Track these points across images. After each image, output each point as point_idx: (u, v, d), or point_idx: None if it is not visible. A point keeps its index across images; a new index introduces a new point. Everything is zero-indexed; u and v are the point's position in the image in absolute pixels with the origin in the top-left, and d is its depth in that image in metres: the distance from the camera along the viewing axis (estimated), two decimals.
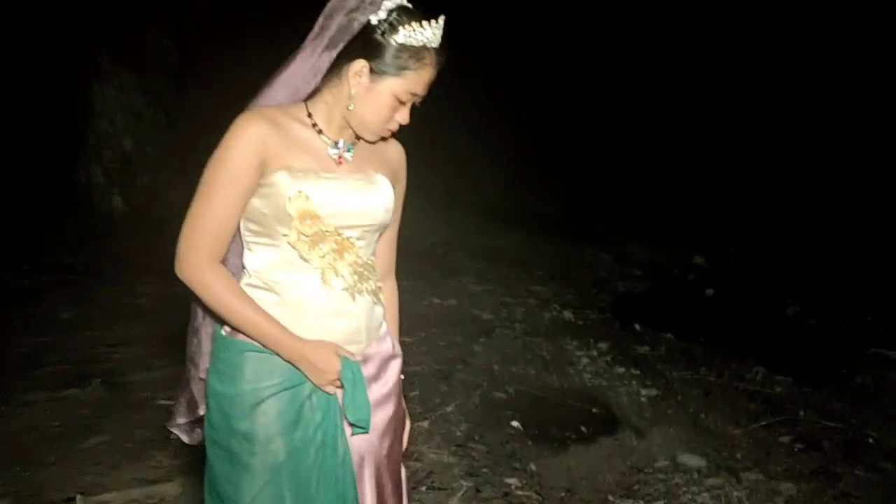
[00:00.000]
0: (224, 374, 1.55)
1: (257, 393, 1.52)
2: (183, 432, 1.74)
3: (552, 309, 6.22)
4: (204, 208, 1.47)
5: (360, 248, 1.57)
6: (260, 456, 1.52)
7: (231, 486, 1.53)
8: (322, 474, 1.55)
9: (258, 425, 1.52)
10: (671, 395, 4.40)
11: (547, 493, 3.20)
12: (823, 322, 5.85)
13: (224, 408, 1.54)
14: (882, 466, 3.50)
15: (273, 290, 1.53)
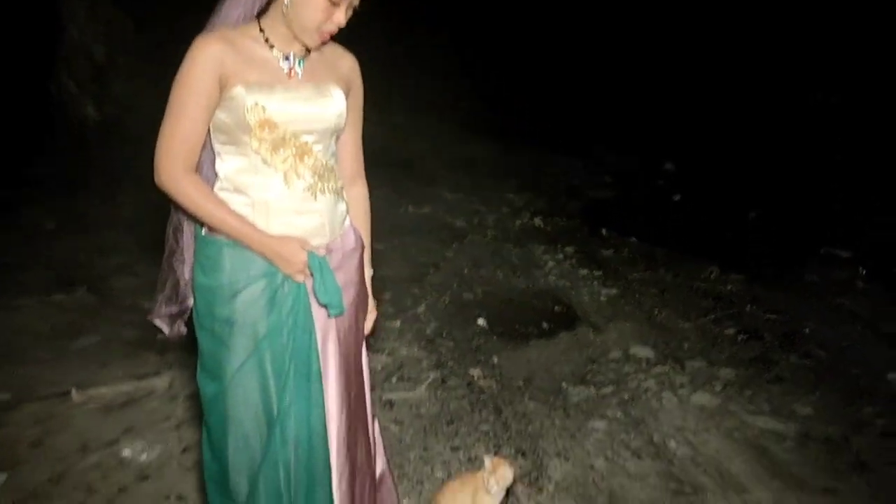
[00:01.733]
0: (206, 268, 1.75)
1: (235, 284, 1.72)
2: (164, 324, 1.92)
3: (523, 216, 6.43)
4: (174, 124, 1.64)
5: (318, 152, 1.75)
6: (239, 337, 1.74)
7: (216, 364, 1.76)
8: (294, 353, 1.78)
9: (237, 312, 1.73)
10: (629, 294, 4.67)
11: (507, 383, 3.48)
12: (780, 225, 6.10)
13: (207, 297, 1.74)
14: (816, 354, 3.80)
15: (242, 193, 1.71)
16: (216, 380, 1.78)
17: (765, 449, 2.94)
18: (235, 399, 1.77)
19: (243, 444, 1.80)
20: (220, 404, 1.78)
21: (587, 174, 8.18)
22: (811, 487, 2.69)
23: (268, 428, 1.79)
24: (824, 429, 3.10)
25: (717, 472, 2.78)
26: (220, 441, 1.82)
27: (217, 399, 1.78)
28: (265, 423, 1.79)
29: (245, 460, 1.81)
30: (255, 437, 1.79)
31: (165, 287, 1.88)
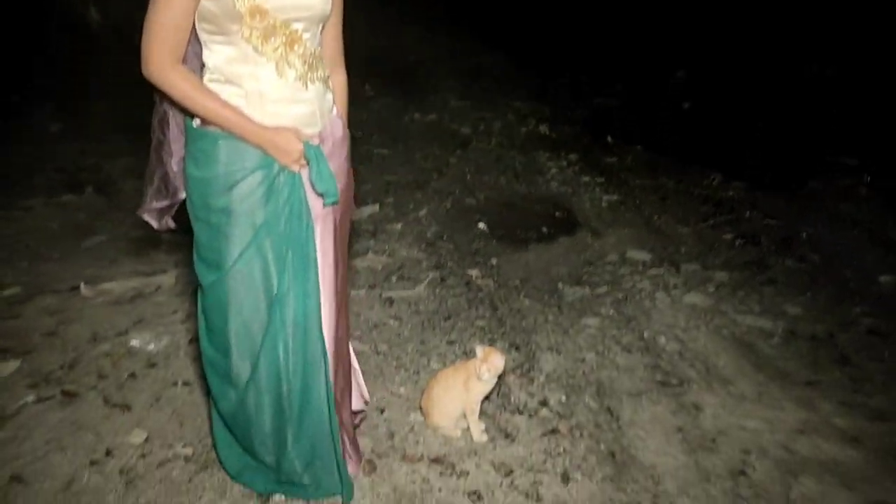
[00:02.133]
0: (199, 161, 1.79)
1: (231, 175, 1.77)
2: (153, 219, 1.97)
3: (529, 123, 6.39)
4: (160, 13, 1.64)
5: (307, 40, 1.76)
6: (237, 227, 1.80)
7: (215, 253, 1.83)
8: (291, 241, 1.85)
9: (234, 202, 1.78)
10: (630, 200, 4.69)
11: (504, 282, 3.56)
12: (788, 134, 6.04)
13: (201, 189, 1.79)
14: (810, 257, 3.84)
15: (234, 83, 1.73)
16: (215, 269, 1.85)
17: (751, 345, 3.03)
18: (236, 286, 1.85)
19: (244, 328, 1.89)
20: (219, 292, 1.86)
21: (596, 82, 8.05)
22: (794, 380, 2.79)
23: (268, 312, 1.87)
24: (811, 327, 3.17)
25: (703, 367, 2.87)
26: (220, 328, 1.91)
27: (216, 287, 1.86)
28: (265, 307, 1.87)
29: (246, 344, 1.90)
30: (256, 321, 1.88)
31: (154, 180, 1.92)
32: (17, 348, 2.84)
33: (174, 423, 2.45)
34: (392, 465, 2.27)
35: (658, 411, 2.59)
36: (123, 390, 2.61)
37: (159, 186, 1.91)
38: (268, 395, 1.94)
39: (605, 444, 2.41)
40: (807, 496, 2.19)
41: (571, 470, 2.28)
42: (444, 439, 2.40)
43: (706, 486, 2.22)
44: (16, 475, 2.18)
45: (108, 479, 2.18)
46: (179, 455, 2.29)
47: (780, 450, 2.39)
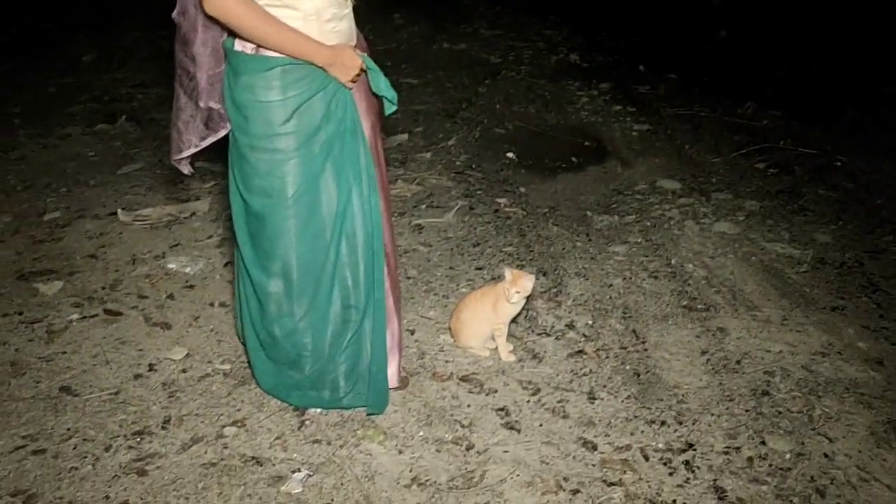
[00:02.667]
0: (258, 87, 1.79)
1: (291, 101, 1.80)
2: (183, 165, 2.04)
3: (560, 52, 6.28)
4: None
5: None
6: (304, 148, 1.85)
7: (276, 180, 1.86)
8: (349, 160, 1.91)
9: (298, 125, 1.82)
10: (662, 129, 4.64)
11: (532, 210, 3.58)
12: (828, 62, 5.87)
13: (263, 116, 1.81)
14: (844, 186, 3.80)
15: (290, 6, 1.75)
16: (276, 197, 1.88)
17: (779, 272, 3.04)
18: (300, 211, 1.90)
19: (309, 252, 1.94)
20: (280, 219, 1.89)
21: (630, 9, 7.85)
22: (819, 305, 2.80)
23: (332, 232, 1.93)
24: (840, 255, 3.16)
25: (730, 293, 2.89)
26: (280, 255, 1.94)
27: (276, 215, 1.89)
28: (329, 227, 1.93)
29: (310, 267, 1.95)
30: (321, 243, 1.94)
31: (183, 125, 1.94)
32: (61, 269, 2.95)
33: (212, 341, 2.55)
34: (423, 383, 2.35)
35: (683, 335, 2.63)
36: (163, 310, 2.71)
37: (187, 134, 1.94)
38: (330, 311, 2.00)
39: (631, 365, 2.46)
40: (828, 415, 2.23)
41: (597, 389, 2.34)
42: (472, 360, 2.47)
43: (729, 405, 2.27)
44: (65, 386, 2.30)
45: (152, 391, 2.29)
46: (218, 371, 2.39)
47: (802, 371, 2.43)
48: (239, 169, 1.92)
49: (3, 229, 3.27)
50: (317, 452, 2.06)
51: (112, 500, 1.88)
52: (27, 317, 2.65)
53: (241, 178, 1.93)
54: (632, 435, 2.15)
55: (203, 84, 1.87)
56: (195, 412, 2.20)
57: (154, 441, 2.08)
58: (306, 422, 2.17)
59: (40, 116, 4.44)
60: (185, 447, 2.06)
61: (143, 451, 2.05)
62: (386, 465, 2.01)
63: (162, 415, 2.19)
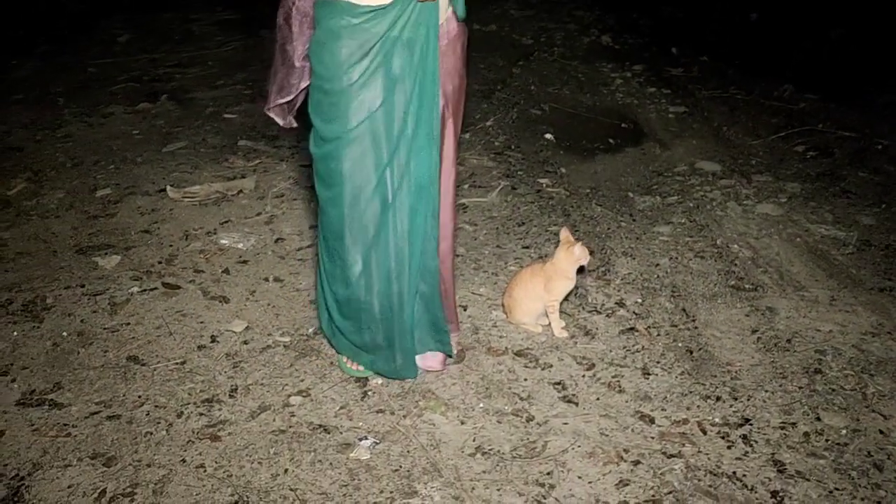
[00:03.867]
0: (333, 28, 1.81)
1: (361, 38, 1.81)
2: (278, 116, 2.07)
3: (591, 34, 6.27)
4: None
5: None
6: (372, 86, 1.85)
7: (345, 111, 1.86)
8: (421, 104, 1.91)
9: (370, 64, 1.83)
10: (698, 111, 4.64)
11: (574, 191, 3.61)
12: (863, 45, 5.83)
13: (335, 51, 1.82)
14: (885, 169, 3.80)
15: None
16: (338, 134, 1.90)
17: (825, 253, 3.06)
18: (361, 143, 1.90)
19: (367, 182, 1.94)
20: (341, 152, 1.91)
21: None
22: (867, 286, 2.82)
23: (389, 169, 1.94)
24: (885, 237, 3.18)
25: (776, 273, 2.92)
26: (339, 193, 1.96)
27: (338, 149, 1.91)
28: (388, 165, 1.94)
29: (370, 206, 1.97)
30: (377, 179, 1.94)
31: (277, 78, 2.00)
32: (117, 244, 3.01)
33: (270, 314, 2.60)
34: (479, 358, 2.39)
35: (733, 314, 2.66)
36: (220, 283, 2.77)
37: (282, 83, 1.99)
38: (385, 267, 2.04)
39: (683, 343, 2.50)
40: (881, 392, 2.26)
41: (651, 365, 2.38)
42: (526, 336, 2.51)
43: (783, 382, 2.31)
44: (132, 356, 2.36)
45: (217, 361, 2.35)
46: (279, 343, 2.45)
47: (853, 350, 2.45)
48: (314, 111, 1.94)
49: (58, 205, 3.34)
50: (381, 422, 2.11)
51: (188, 463, 1.95)
52: (89, 289, 2.71)
53: (316, 122, 1.95)
54: (688, 409, 2.19)
55: (298, 50, 1.95)
56: (260, 382, 2.26)
57: (223, 409, 2.15)
58: (369, 392, 2.22)
59: (83, 96, 4.51)
60: (254, 415, 2.12)
61: (214, 417, 2.11)
62: (449, 435, 2.07)
63: (228, 384, 2.25)
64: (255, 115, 4.28)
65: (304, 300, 2.69)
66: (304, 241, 3.08)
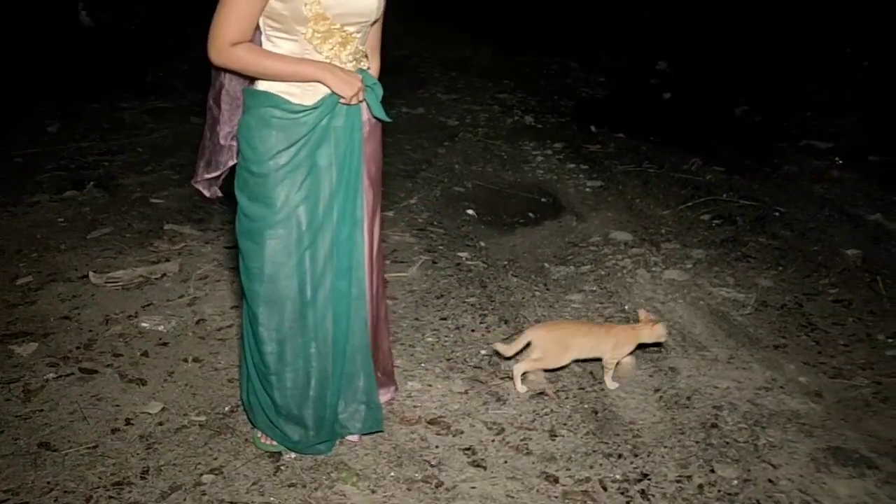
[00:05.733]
0: (262, 117, 1.95)
1: (290, 129, 1.95)
2: (204, 188, 2.19)
3: (514, 114, 6.59)
4: (230, 6, 1.84)
5: (357, 40, 2.00)
6: (297, 173, 1.98)
7: (269, 200, 1.98)
8: (342, 189, 2.05)
9: (296, 152, 1.97)
10: (613, 185, 4.89)
11: (492, 263, 3.75)
12: (765, 120, 6.26)
13: (265, 140, 1.96)
14: (782, 234, 4.05)
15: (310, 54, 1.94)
16: (263, 217, 2.01)
17: (725, 314, 3.24)
18: (286, 230, 2.01)
19: (293, 270, 2.04)
20: (265, 237, 2.01)
21: (581, 74, 8.26)
22: (763, 344, 2.99)
23: (314, 255, 2.05)
24: (781, 297, 3.38)
25: (679, 334, 3.07)
26: (264, 272, 2.04)
27: (262, 234, 2.01)
28: (313, 250, 2.05)
29: (296, 288, 2.06)
30: (302, 263, 2.05)
31: (205, 154, 2.13)
32: (35, 331, 3.01)
33: (187, 394, 2.63)
34: (392, 428, 2.45)
35: (637, 374, 2.79)
36: (138, 367, 2.79)
37: (210, 159, 2.12)
38: (314, 339, 2.12)
39: (589, 404, 2.61)
40: (772, 444, 2.39)
41: (558, 427, 2.48)
42: (439, 404, 2.59)
43: (681, 438, 2.42)
44: (44, 442, 2.35)
45: (130, 443, 2.36)
46: (194, 422, 2.47)
47: (748, 405, 2.60)
48: (240, 190, 2.04)
49: None
50: (293, 496, 2.14)
51: None
52: (3, 377, 2.70)
53: (241, 200, 2.04)
54: (591, 468, 2.28)
55: (225, 128, 2.09)
56: (173, 462, 2.27)
57: (134, 491, 2.15)
58: (281, 467, 2.26)
59: (8, 185, 4.52)
60: (165, 496, 2.13)
61: (124, 500, 2.11)
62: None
63: (140, 466, 2.25)
64: (182, 199, 4.35)
65: (222, 379, 2.72)
66: (226, 321, 3.13)
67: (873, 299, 3.33)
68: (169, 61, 7.48)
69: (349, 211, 2.07)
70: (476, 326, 3.13)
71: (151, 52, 7.67)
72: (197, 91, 6.33)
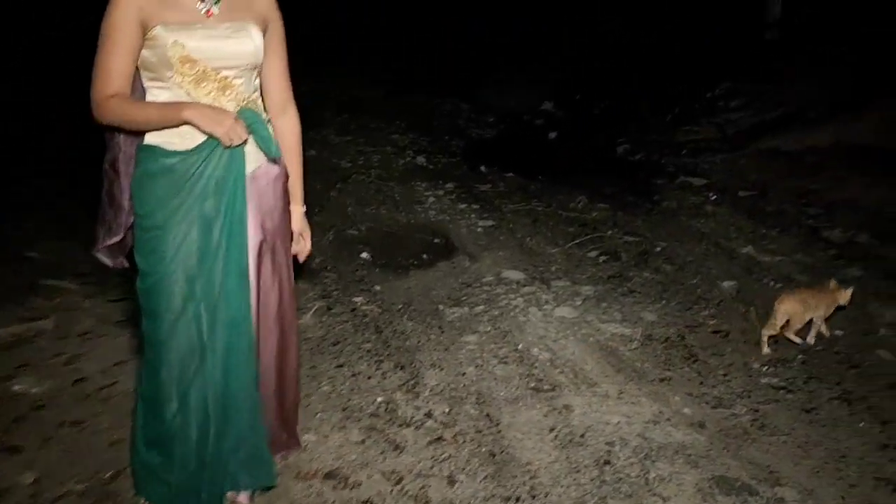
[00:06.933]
0: (148, 171, 1.92)
1: (172, 180, 1.91)
2: (107, 257, 2.08)
3: (407, 155, 6.66)
4: (104, 62, 1.82)
5: (238, 86, 1.95)
6: (180, 227, 1.93)
7: (156, 255, 1.94)
8: (229, 244, 1.98)
9: (178, 204, 1.92)
10: (504, 224, 5.01)
11: (387, 307, 3.75)
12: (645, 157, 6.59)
13: (151, 193, 1.91)
14: (664, 269, 4.25)
15: None
16: (152, 273, 1.96)
17: (614, 350, 3.35)
18: (173, 285, 1.95)
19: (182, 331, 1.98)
20: (156, 292, 1.97)
21: (471, 115, 8.46)
22: (650, 377, 3.11)
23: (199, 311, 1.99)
24: (665, 331, 3.53)
25: (572, 372, 3.15)
26: (158, 325, 1.98)
27: (153, 288, 1.97)
28: (198, 307, 1.98)
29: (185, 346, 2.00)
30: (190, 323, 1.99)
31: (105, 221, 2.04)
32: None
33: (66, 461, 2.47)
34: (288, 483, 2.39)
35: (533, 414, 2.84)
36: (10, 433, 2.60)
37: (110, 224, 2.03)
38: (207, 397, 2.04)
39: (486, 447, 2.62)
40: (661, 477, 2.48)
41: (456, 473, 2.48)
42: (336, 455, 2.54)
43: (576, 476, 2.47)
44: None
45: None
46: (73, 491, 2.32)
47: (638, 439, 2.68)
48: (137, 250, 1.99)
49: None
50: None
51: None
52: None
53: (138, 259, 1.99)
54: None
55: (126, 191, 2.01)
56: None
57: None
58: None
59: None
60: None
61: None
62: None
63: None
64: (60, 252, 4.13)
65: (104, 442, 2.58)
66: (108, 379, 2.97)
67: (748, 329, 3.52)
68: None
69: (235, 266, 2.02)
70: (372, 373, 3.11)
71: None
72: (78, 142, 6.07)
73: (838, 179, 5.54)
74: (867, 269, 4.16)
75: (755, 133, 6.67)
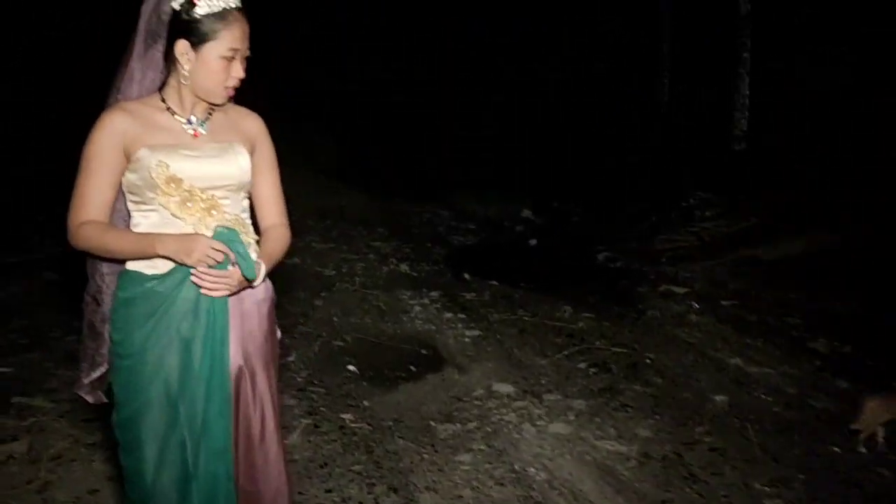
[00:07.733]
0: (126, 299, 1.87)
1: (148, 308, 1.85)
2: (87, 394, 2.01)
3: (390, 263, 6.67)
4: (81, 188, 1.80)
5: (225, 206, 1.90)
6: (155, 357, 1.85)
7: (132, 385, 1.86)
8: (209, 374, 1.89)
9: (153, 333, 1.85)
10: (491, 334, 4.97)
11: (377, 424, 3.64)
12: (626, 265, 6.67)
13: (127, 322, 1.85)
14: (654, 381, 4.21)
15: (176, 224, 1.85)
16: (128, 403, 1.87)
17: (611, 469, 3.26)
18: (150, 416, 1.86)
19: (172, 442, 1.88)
20: (133, 423, 1.87)
21: (452, 222, 8.58)
22: (650, 500, 3.02)
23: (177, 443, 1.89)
24: (661, 448, 3.46)
25: (570, 493, 3.05)
26: (140, 457, 1.87)
27: (130, 420, 1.88)
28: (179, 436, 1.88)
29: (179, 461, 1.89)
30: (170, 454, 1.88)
31: (87, 353, 1.98)
32: None
33: None
34: None
35: None
36: None
37: (93, 358, 1.96)
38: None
39: None
40: None
41: None
42: None
43: None
44: None
45: None
46: None
47: None
48: (113, 380, 1.92)
49: None
50: None
51: None
52: None
53: (114, 388, 1.91)
54: None
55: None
56: None
57: None
58: None
59: None
60: None
61: None
62: None
63: None
64: (31, 366, 4.00)
65: None
66: None
67: (746, 447, 3.46)
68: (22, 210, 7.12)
69: (218, 391, 1.93)
70: (364, 498, 2.98)
71: None
72: (51, 244, 6.00)
73: (815, 288, 5.63)
74: (855, 381, 4.16)
75: (732, 242, 6.82)
